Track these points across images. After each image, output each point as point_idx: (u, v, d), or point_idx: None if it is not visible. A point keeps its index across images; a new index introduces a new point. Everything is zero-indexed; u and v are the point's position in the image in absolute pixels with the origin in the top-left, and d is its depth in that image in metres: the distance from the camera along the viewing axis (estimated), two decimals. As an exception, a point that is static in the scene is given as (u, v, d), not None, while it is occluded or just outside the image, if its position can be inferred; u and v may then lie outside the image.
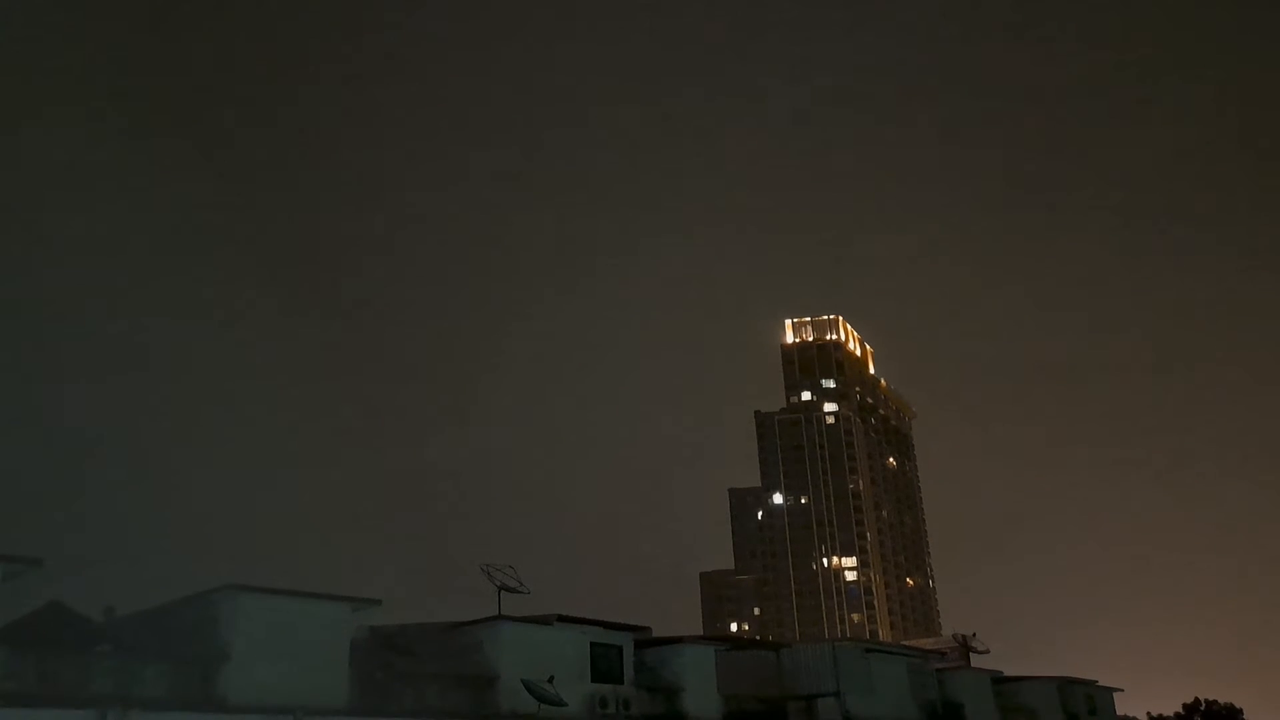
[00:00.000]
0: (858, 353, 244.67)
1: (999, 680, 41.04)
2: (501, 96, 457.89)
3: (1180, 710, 67.55)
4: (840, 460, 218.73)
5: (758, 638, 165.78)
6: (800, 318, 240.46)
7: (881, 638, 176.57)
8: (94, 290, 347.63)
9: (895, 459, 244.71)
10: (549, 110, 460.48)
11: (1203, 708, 68.20)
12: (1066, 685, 44.09)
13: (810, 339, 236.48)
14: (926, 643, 51.71)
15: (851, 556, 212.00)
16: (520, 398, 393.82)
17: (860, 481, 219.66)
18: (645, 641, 28.70)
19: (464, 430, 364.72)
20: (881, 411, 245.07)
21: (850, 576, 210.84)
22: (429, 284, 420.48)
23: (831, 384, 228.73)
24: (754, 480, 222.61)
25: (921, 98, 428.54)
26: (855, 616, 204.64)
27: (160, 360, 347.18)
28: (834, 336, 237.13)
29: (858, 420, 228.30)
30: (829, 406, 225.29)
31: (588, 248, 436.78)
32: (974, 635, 44.15)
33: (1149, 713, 62.07)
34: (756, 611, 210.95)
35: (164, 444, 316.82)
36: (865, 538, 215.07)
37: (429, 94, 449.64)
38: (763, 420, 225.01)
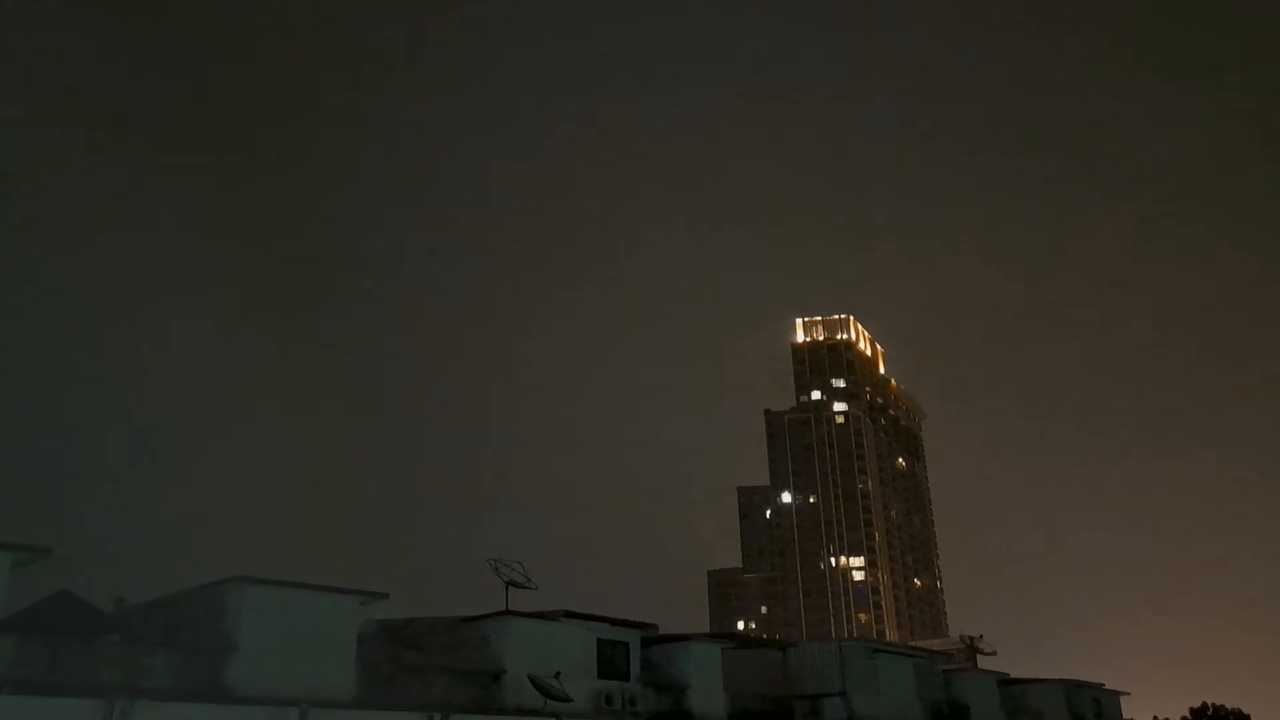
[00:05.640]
0: (868, 352, 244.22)
1: (1005, 682, 40.94)
2: (509, 98, 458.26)
3: (1188, 714, 67.30)
4: (849, 460, 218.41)
5: (764, 636, 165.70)
6: (811, 317, 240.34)
7: (888, 638, 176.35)
8: (105, 290, 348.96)
9: (904, 460, 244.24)
10: (559, 111, 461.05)
11: (1210, 712, 67.87)
12: (1073, 688, 43.96)
13: (821, 338, 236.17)
14: (933, 644, 51.67)
15: (859, 556, 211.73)
16: (530, 395, 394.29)
17: (869, 481, 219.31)
18: (652, 639, 28.70)
19: (473, 427, 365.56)
20: (891, 412, 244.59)
21: (858, 576, 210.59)
22: (441, 284, 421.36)
23: (842, 384, 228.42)
24: (763, 479, 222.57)
25: (933, 97, 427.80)
26: (862, 616, 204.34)
27: (173, 359, 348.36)
28: (845, 336, 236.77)
29: (867, 420, 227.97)
30: (839, 406, 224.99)
31: (598, 246, 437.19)
32: (981, 637, 44.08)
33: (1156, 716, 61.79)
34: (763, 610, 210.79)
35: (176, 439, 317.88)
36: (873, 538, 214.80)
37: (436, 97, 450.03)
38: (772, 419, 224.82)
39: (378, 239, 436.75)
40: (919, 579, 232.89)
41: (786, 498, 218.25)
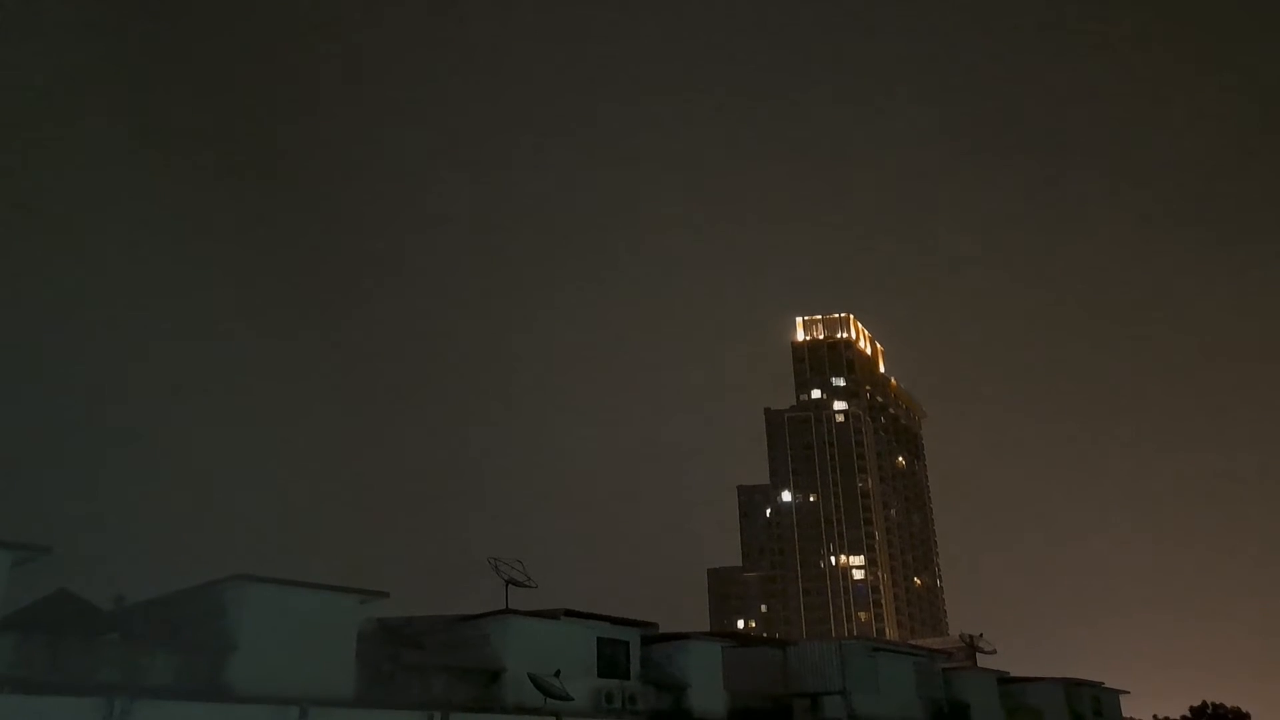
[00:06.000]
0: (868, 351, 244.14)
1: (1005, 680, 40.95)
2: (509, 98, 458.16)
3: (1187, 713, 67.28)
4: (849, 459, 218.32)
5: (764, 635, 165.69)
6: (811, 315, 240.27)
7: (888, 637, 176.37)
8: (104, 290, 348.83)
9: (904, 458, 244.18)
10: (558, 110, 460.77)
11: (1210, 711, 67.82)
12: (1073, 686, 43.98)
13: (821, 337, 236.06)
14: (933, 642, 51.61)
15: (859, 555, 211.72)
16: (530, 394, 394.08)
17: (869, 480, 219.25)
18: (652, 637, 28.67)
19: (473, 427, 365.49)
20: (891, 410, 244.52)
21: (858, 575, 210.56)
22: (441, 284, 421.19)
23: (841, 382, 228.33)
24: (763, 478, 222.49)
25: (933, 97, 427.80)
26: (862, 615, 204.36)
27: (173, 358, 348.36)
28: (845, 335, 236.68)
29: (867, 419, 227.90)
30: (839, 405, 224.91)
31: (598, 246, 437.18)
32: (981, 635, 44.06)
33: (1155, 715, 61.88)
34: (763, 609, 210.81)
35: (175, 438, 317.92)
36: (873, 536, 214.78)
37: (435, 96, 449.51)
38: (772, 418, 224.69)
39: (378, 239, 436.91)
40: (919, 578, 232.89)
41: (786, 496, 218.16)
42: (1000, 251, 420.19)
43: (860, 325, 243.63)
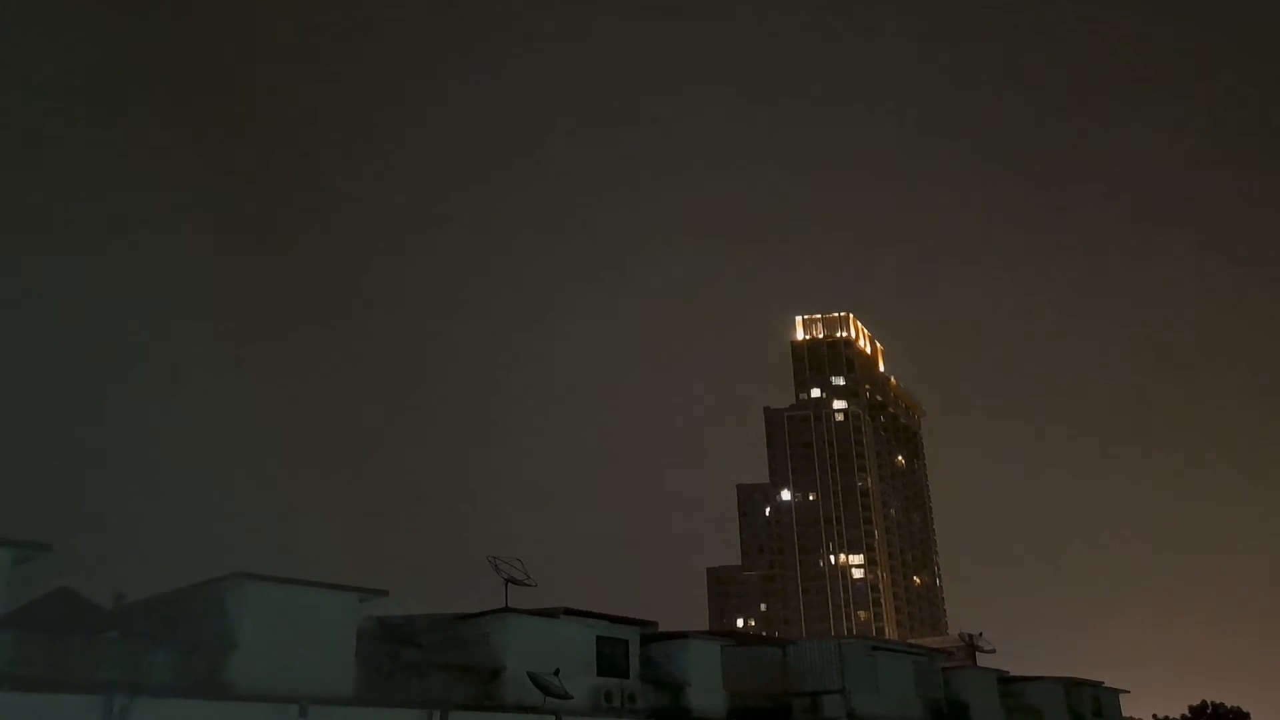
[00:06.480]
0: (868, 350, 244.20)
1: (1005, 680, 40.95)
2: (509, 98, 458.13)
3: (1187, 712, 67.29)
4: (849, 458, 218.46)
5: (764, 634, 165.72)
6: (811, 314, 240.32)
7: (888, 636, 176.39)
8: (103, 288, 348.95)
9: (904, 457, 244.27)
10: (557, 110, 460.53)
11: (1210, 711, 67.82)
12: (1073, 686, 43.96)
13: (820, 336, 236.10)
14: (933, 641, 51.70)
15: (859, 554, 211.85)
16: (530, 392, 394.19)
17: (868, 479, 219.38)
18: (652, 636, 28.70)
19: (473, 426, 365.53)
20: (891, 409, 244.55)
21: (857, 574, 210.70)
22: (441, 284, 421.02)
23: (841, 381, 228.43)
24: (762, 477, 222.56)
25: (933, 97, 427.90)
26: (862, 614, 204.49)
27: (174, 357, 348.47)
28: (844, 334, 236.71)
29: (867, 418, 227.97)
30: (838, 404, 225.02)
31: (598, 246, 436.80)
32: (980, 634, 44.11)
33: (1155, 715, 61.90)
34: (763, 608, 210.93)
35: (175, 437, 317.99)
36: (873, 535, 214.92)
37: (435, 96, 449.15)
38: (772, 417, 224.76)
39: (377, 239, 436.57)
40: (918, 576, 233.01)
41: (786, 495, 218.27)
42: (1000, 252, 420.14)
43: (860, 324, 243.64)
